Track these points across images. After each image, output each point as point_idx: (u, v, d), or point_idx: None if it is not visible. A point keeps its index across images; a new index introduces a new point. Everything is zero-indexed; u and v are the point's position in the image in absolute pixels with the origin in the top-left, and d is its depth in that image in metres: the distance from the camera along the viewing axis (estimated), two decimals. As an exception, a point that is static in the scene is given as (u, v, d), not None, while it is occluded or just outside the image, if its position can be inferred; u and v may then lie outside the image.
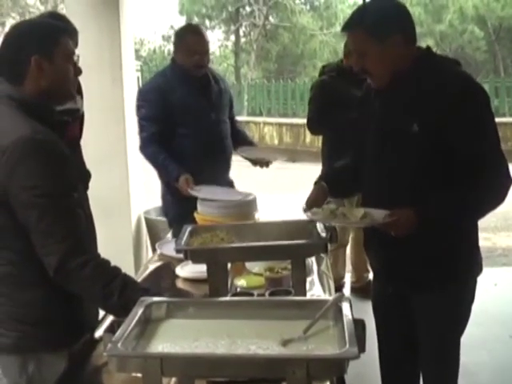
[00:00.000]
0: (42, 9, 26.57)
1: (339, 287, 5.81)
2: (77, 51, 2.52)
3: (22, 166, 2.23)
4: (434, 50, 2.94)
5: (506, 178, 2.72)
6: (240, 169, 5.33)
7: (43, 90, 2.40)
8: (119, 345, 1.74)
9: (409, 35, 2.79)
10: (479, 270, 3.00)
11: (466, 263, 2.93)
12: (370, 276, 5.59)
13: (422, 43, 2.91)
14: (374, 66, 2.76)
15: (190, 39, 4.51)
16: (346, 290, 6.08)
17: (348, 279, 6.28)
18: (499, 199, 2.72)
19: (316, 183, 3.13)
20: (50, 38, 2.43)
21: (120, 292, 2.30)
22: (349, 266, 6.26)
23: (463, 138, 2.65)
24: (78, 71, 2.53)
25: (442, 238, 2.80)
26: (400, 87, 2.78)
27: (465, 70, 2.87)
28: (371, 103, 2.96)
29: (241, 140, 4.85)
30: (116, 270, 2.39)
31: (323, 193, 3.08)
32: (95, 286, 2.32)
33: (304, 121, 5.74)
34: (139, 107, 4.61)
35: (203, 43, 4.57)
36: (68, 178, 2.37)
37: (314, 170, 3.30)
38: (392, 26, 2.72)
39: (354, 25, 2.79)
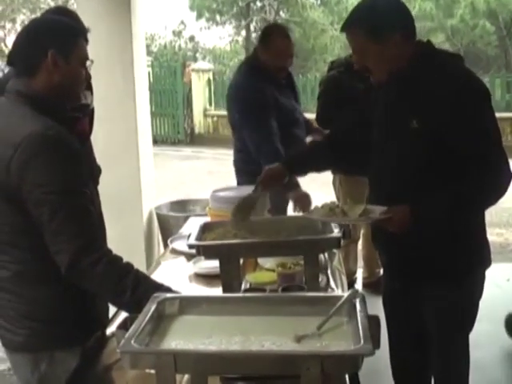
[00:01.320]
0: (53, 5, 26.56)
1: (351, 283, 5.80)
2: (90, 56, 2.52)
3: (34, 162, 2.22)
4: (446, 45, 2.93)
5: (506, 175, 2.69)
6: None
7: (53, 86, 2.38)
8: (132, 341, 1.73)
9: (408, 32, 2.80)
10: (487, 263, 2.98)
11: (473, 257, 2.91)
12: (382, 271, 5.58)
13: (433, 38, 2.92)
14: (375, 64, 2.78)
15: (280, 42, 4.50)
16: (358, 286, 6.06)
17: (360, 275, 6.26)
18: (498, 195, 2.69)
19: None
20: (70, 37, 2.43)
21: (133, 289, 2.29)
22: (360, 262, 6.24)
23: (463, 135, 2.64)
24: (88, 76, 2.52)
25: (448, 233, 2.79)
26: (400, 83, 2.78)
27: (466, 66, 2.86)
28: (375, 98, 2.97)
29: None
30: (128, 267, 2.38)
31: (278, 173, 3.07)
32: (108, 283, 2.31)
33: (315, 116, 5.71)
34: (238, 107, 4.62)
35: (292, 47, 4.60)
36: (80, 174, 2.36)
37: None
38: (391, 25, 2.73)
39: (353, 25, 2.80)
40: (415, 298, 3.02)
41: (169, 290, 2.33)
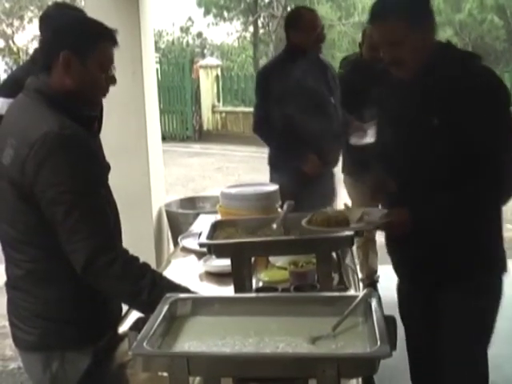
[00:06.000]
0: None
1: (373, 283, 5.75)
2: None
3: (49, 161, 2.21)
4: (454, 39, 2.91)
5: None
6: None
7: (68, 88, 2.36)
8: (145, 343, 1.71)
9: (434, 20, 2.76)
10: (503, 267, 2.93)
11: (487, 261, 2.88)
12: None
13: (442, 33, 2.89)
14: (410, 53, 2.68)
15: (308, 16, 4.70)
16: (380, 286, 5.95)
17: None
18: (502, 198, 2.72)
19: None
20: (90, 40, 2.38)
21: (149, 290, 2.28)
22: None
23: (477, 134, 2.59)
24: (112, 80, 2.48)
25: (458, 234, 2.76)
26: (421, 80, 2.73)
27: (487, 65, 2.83)
28: (393, 98, 2.93)
29: None
30: (145, 267, 2.37)
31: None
32: (124, 283, 2.30)
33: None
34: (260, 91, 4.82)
35: (319, 19, 4.77)
36: (95, 174, 2.35)
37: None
38: (425, 11, 2.70)
39: (387, 14, 2.67)
40: (431, 300, 2.99)
41: (186, 290, 2.31)
